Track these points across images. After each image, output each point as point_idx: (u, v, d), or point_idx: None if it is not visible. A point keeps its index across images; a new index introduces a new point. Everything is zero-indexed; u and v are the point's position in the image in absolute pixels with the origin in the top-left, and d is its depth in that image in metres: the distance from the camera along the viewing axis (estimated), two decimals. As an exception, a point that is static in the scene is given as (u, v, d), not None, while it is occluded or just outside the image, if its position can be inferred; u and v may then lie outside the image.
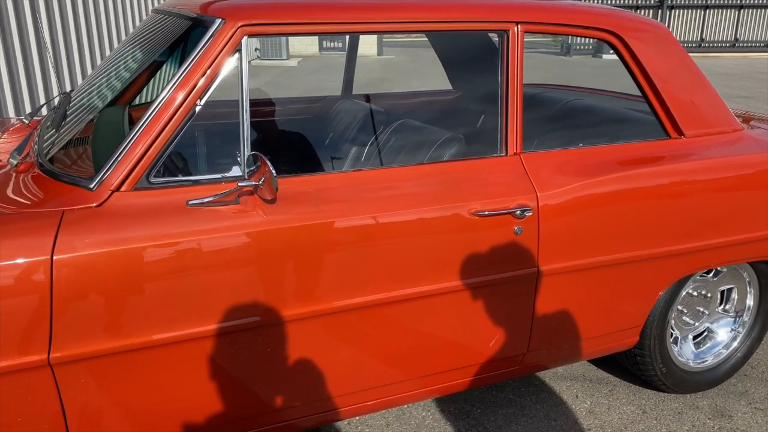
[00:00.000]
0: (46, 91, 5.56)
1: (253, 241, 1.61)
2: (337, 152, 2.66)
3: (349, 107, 2.89)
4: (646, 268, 2.12)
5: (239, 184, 1.59)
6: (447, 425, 2.28)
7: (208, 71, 1.61)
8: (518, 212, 1.87)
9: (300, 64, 14.33)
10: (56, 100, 2.39)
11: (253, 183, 1.59)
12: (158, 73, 2.17)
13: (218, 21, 1.63)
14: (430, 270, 1.82)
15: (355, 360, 1.84)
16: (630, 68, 2.10)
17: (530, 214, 1.88)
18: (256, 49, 14.04)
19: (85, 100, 2.00)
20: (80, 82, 6.24)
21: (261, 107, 2.83)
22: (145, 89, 2.31)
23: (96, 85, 2.04)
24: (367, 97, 3.09)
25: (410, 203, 1.77)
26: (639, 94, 2.19)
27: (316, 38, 17.07)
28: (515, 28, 1.93)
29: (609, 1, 17.57)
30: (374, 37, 15.72)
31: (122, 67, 2.04)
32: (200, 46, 1.61)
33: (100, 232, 1.48)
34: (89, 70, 6.43)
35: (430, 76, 12.02)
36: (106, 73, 2.07)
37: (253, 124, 2.68)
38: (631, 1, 17.88)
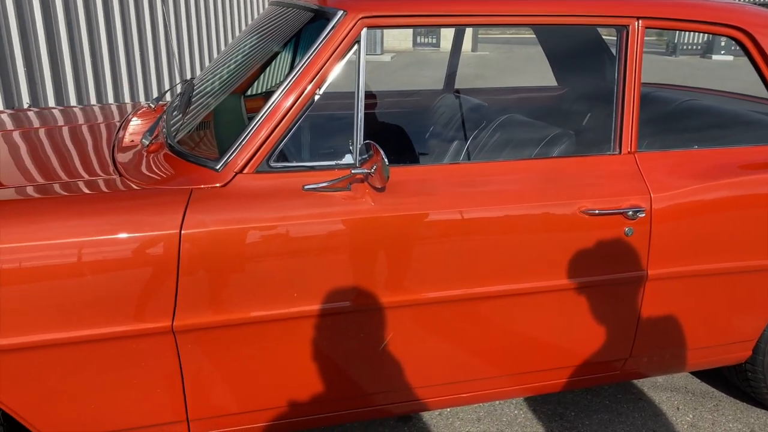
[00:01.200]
0: (158, 78, 5.91)
1: (361, 227, 1.65)
2: (439, 145, 2.67)
3: (451, 101, 2.90)
4: (764, 279, 2.01)
5: (352, 171, 1.64)
6: (539, 425, 2.25)
7: (328, 62, 1.67)
8: (630, 213, 1.81)
9: (393, 59, 14.45)
10: (176, 88, 2.54)
11: (366, 171, 1.64)
12: (278, 62, 2.26)
13: (340, 13, 1.69)
14: (535, 267, 1.80)
15: (450, 352, 1.85)
16: (758, 66, 1.99)
17: (643, 215, 1.82)
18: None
19: (208, 87, 2.11)
20: (189, 70, 6.58)
21: (365, 99, 2.88)
22: (265, 78, 2.41)
23: (218, 74, 2.15)
24: (469, 92, 3.08)
25: (518, 198, 1.77)
26: (761, 96, 2.07)
27: (410, 34, 17.14)
28: (636, 24, 1.87)
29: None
30: (469, 32, 15.59)
31: (243, 57, 2.14)
32: (322, 38, 1.67)
33: (224, 210, 1.57)
34: (198, 58, 6.77)
35: (525, 73, 11.80)
36: (227, 62, 2.18)
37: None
38: (748, -1, 16.75)
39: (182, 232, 1.54)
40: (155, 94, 5.88)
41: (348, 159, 1.71)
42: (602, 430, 2.22)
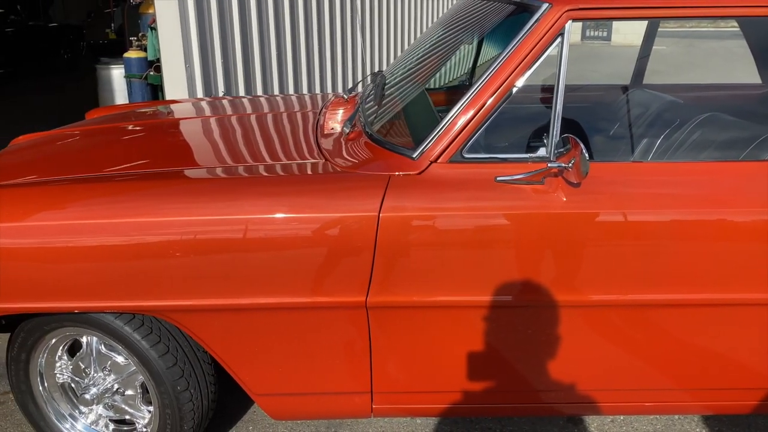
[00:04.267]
0: (332, 71, 6.23)
1: (551, 222, 1.64)
2: (627, 142, 2.56)
3: (640, 97, 2.76)
4: None
5: (549, 164, 1.63)
6: (725, 447, 2.09)
7: (529, 55, 1.67)
8: None
9: (560, 53, 13.93)
10: (366, 79, 2.66)
11: (563, 165, 1.62)
12: (474, 56, 2.30)
13: (544, 6, 1.68)
14: (737, 277, 1.67)
15: (628, 358, 1.78)
16: None
17: None
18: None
19: (401, 79, 2.20)
20: (377, 62, 6.86)
21: (549, 93, 2.83)
22: (459, 70, 2.46)
23: (411, 66, 2.23)
24: (658, 88, 2.91)
25: (723, 202, 1.65)
26: None
27: (579, 26, 16.43)
28: None
29: None
30: (644, 26, 14.61)
31: (435, 50, 2.21)
32: (524, 30, 1.68)
33: (420, 197, 1.64)
34: (379, 49, 7.03)
35: (706, 69, 10.83)
36: (420, 55, 2.26)
37: (543, 109, 2.71)
38: None
39: (380, 215, 1.63)
40: (330, 86, 6.21)
41: (542, 152, 1.70)
42: (801, 464, 2.02)
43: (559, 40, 1.67)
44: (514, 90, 1.69)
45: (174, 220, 1.61)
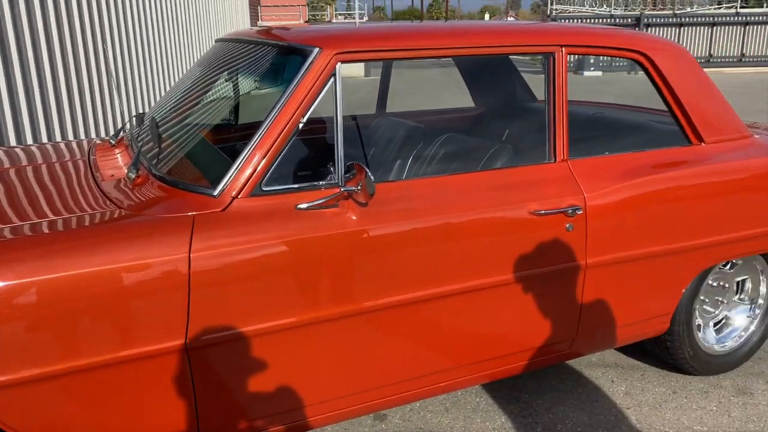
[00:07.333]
0: (83, 115, 5.73)
1: (348, 240, 1.84)
2: (384, 164, 2.89)
3: (387, 123, 3.14)
4: (676, 260, 2.39)
5: (342, 189, 1.83)
6: (500, 408, 2.51)
7: (309, 93, 1.85)
8: (570, 211, 2.12)
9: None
10: (128, 124, 2.60)
11: (352, 188, 1.83)
12: (243, 92, 2.40)
13: (316, 50, 1.88)
14: (493, 264, 2.05)
15: (413, 349, 2.05)
16: (656, 84, 2.39)
17: (580, 212, 2.14)
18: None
19: (177, 120, 2.22)
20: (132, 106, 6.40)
21: (313, 123, 3.06)
22: (237, 108, 2.53)
23: (185, 107, 2.26)
24: (397, 115, 3.34)
25: (481, 204, 2.02)
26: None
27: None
28: (560, 51, 2.21)
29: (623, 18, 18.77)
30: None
31: (208, 90, 2.27)
32: (302, 72, 1.85)
33: (228, 233, 1.70)
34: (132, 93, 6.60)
35: (418, 96, 12.32)
36: (192, 94, 2.30)
37: (302, 140, 2.92)
38: (646, 20, 18.96)
39: (191, 255, 1.65)
40: (80, 132, 5.67)
41: (331, 179, 1.89)
42: (555, 406, 2.52)
43: (332, 79, 1.88)
44: (300, 125, 1.86)
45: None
